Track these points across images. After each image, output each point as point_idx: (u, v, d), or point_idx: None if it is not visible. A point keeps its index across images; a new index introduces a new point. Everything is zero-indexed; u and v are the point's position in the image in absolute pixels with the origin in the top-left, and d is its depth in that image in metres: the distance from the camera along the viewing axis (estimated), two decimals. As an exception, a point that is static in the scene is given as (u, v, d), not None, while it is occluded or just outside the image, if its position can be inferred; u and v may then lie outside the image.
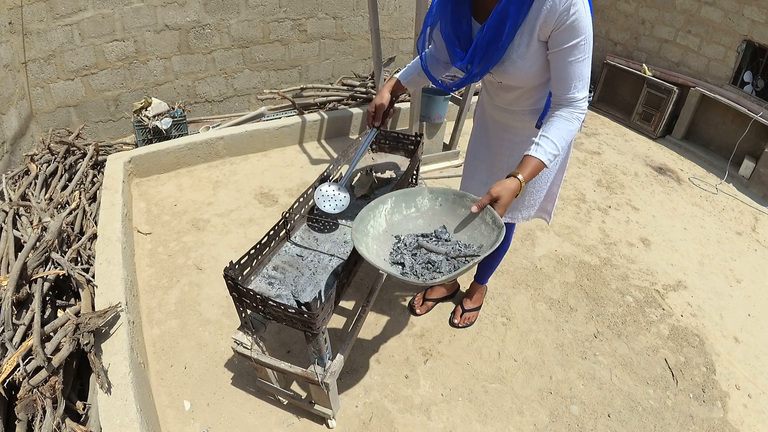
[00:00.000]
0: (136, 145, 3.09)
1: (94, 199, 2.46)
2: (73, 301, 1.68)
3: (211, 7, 3.23)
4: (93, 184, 2.57)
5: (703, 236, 2.70)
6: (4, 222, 1.89)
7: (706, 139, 3.69)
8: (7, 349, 1.35)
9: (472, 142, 1.64)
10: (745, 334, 2.06)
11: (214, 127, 3.26)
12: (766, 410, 1.75)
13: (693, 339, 2.01)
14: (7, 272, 1.64)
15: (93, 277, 1.78)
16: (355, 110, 3.43)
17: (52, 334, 1.44)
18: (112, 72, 3.12)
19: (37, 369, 1.32)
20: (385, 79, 3.13)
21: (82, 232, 2.12)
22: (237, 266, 1.28)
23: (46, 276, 1.61)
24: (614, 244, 2.55)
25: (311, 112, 3.38)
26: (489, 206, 1.16)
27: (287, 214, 1.51)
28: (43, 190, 2.31)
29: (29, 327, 1.43)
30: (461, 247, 1.19)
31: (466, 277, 2.17)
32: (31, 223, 1.96)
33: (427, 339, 1.90)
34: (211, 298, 2.03)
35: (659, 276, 2.35)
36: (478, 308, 2.01)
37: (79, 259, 1.89)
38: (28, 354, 1.34)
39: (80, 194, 2.34)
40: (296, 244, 1.55)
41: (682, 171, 3.41)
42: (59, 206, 2.21)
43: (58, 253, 1.74)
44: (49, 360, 1.33)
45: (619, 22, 4.19)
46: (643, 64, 3.87)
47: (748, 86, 3.43)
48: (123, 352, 1.50)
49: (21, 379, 1.29)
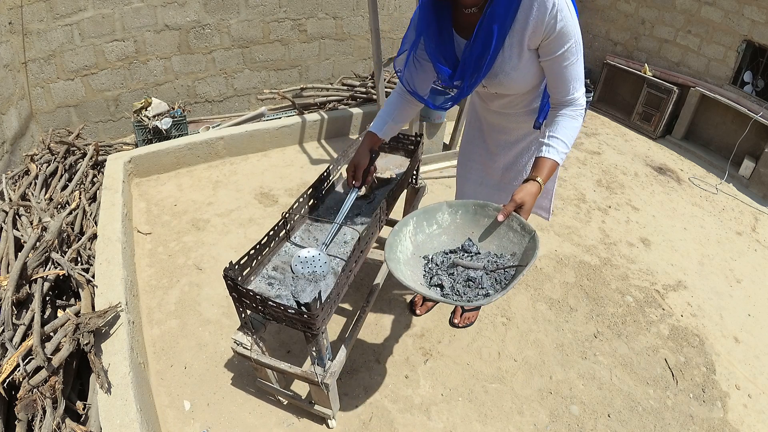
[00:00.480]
0: (136, 145, 3.09)
1: (94, 199, 2.46)
2: (73, 301, 1.68)
3: (211, 7, 3.23)
4: (93, 184, 2.57)
5: (703, 236, 2.70)
6: (4, 222, 1.89)
7: (706, 139, 3.69)
8: (7, 349, 1.35)
9: (465, 143, 1.63)
10: (745, 334, 2.06)
11: (214, 127, 3.26)
12: (766, 410, 1.75)
13: (693, 339, 2.01)
14: (7, 272, 1.64)
15: (93, 277, 1.78)
16: (355, 110, 3.43)
17: (52, 334, 1.44)
18: (112, 72, 3.12)
19: (37, 369, 1.32)
20: (384, 79, 3.12)
21: (82, 232, 2.12)
22: (237, 266, 1.28)
23: (46, 276, 1.61)
24: (614, 244, 2.55)
25: (311, 112, 3.38)
26: (514, 213, 1.14)
27: (287, 215, 1.51)
28: (43, 190, 2.31)
29: (29, 327, 1.43)
30: (494, 258, 1.15)
31: (466, 277, 2.17)
32: (31, 223, 1.96)
33: (427, 339, 1.90)
34: (211, 298, 2.03)
35: (659, 276, 2.35)
36: (478, 308, 2.01)
37: (79, 259, 1.89)
38: (28, 354, 1.34)
39: (80, 194, 2.34)
40: (296, 245, 1.55)
41: (682, 171, 3.41)
42: (59, 206, 2.21)
43: (58, 253, 1.74)
44: (49, 360, 1.33)
45: (619, 22, 4.19)
46: (645, 65, 3.86)
47: (748, 86, 3.43)
48: (123, 352, 1.50)
49: (21, 379, 1.29)
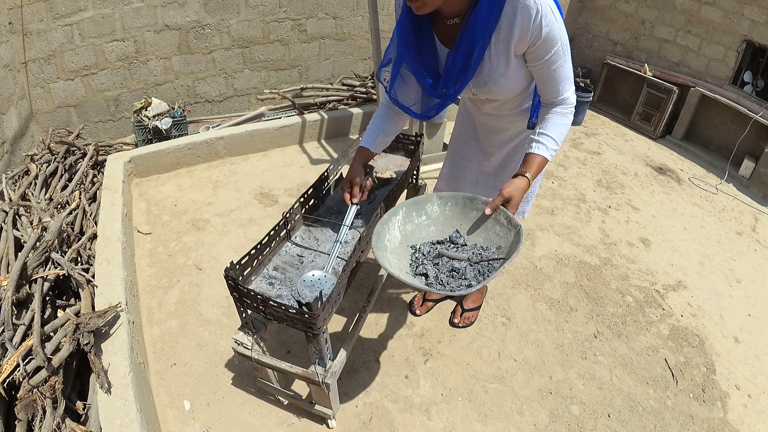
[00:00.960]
0: (136, 145, 3.09)
1: (94, 199, 2.46)
2: (73, 301, 1.68)
3: (211, 7, 3.23)
4: (93, 184, 2.57)
5: (703, 236, 2.70)
6: (4, 222, 1.89)
7: (706, 139, 3.69)
8: (7, 349, 1.35)
9: (457, 144, 1.63)
10: (745, 334, 2.07)
11: (214, 127, 3.26)
12: (766, 410, 1.75)
13: (693, 339, 2.01)
14: (7, 272, 1.64)
15: (93, 277, 1.78)
16: (355, 110, 3.43)
17: (52, 334, 1.44)
18: (112, 72, 3.12)
19: (37, 369, 1.32)
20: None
21: (82, 232, 2.12)
22: (237, 266, 1.28)
23: (46, 276, 1.61)
24: (614, 244, 2.55)
25: (311, 112, 3.38)
26: (502, 207, 1.16)
27: (287, 214, 1.51)
28: (43, 190, 2.31)
29: (29, 327, 1.43)
30: (480, 251, 1.17)
31: (466, 277, 2.17)
32: (31, 223, 1.96)
33: (427, 339, 1.90)
34: (211, 298, 2.03)
35: (659, 276, 2.35)
36: (478, 308, 2.01)
37: (79, 259, 1.89)
38: (28, 354, 1.34)
39: (80, 194, 2.34)
40: (296, 245, 1.55)
41: (682, 171, 3.41)
42: (59, 206, 2.21)
43: (58, 253, 1.74)
44: (49, 360, 1.33)
45: (619, 22, 4.19)
46: (645, 65, 3.86)
47: (748, 86, 3.42)
48: (123, 352, 1.50)
49: (21, 379, 1.29)
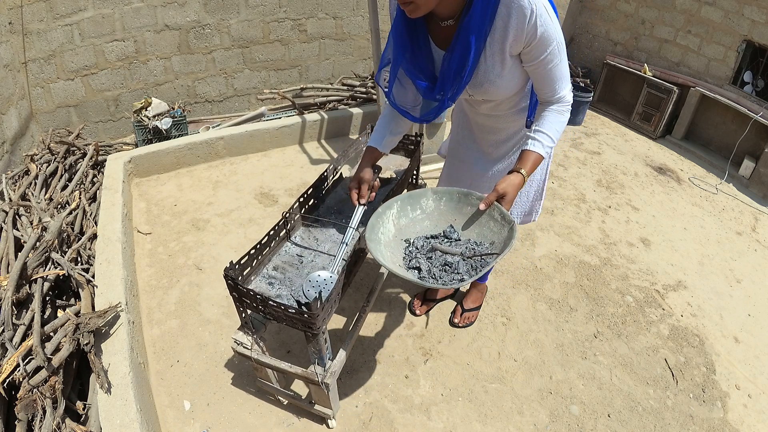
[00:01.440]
0: (136, 145, 3.09)
1: (94, 199, 2.46)
2: (73, 301, 1.68)
3: (211, 7, 3.23)
4: (93, 184, 2.57)
5: (703, 236, 2.70)
6: (4, 222, 1.89)
7: (706, 139, 3.69)
8: (7, 349, 1.35)
9: (453, 144, 1.63)
10: (745, 334, 2.06)
11: (214, 127, 3.26)
12: (766, 410, 1.75)
13: (693, 339, 2.01)
14: (7, 272, 1.64)
15: (93, 277, 1.78)
16: (355, 110, 3.43)
17: (52, 334, 1.44)
18: (112, 72, 3.12)
19: (37, 369, 1.32)
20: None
21: (82, 232, 2.12)
22: (237, 266, 1.28)
23: (46, 276, 1.61)
24: (614, 244, 2.55)
25: (311, 112, 3.38)
26: (496, 203, 1.16)
27: (287, 214, 1.51)
28: (43, 190, 2.31)
29: (29, 327, 1.43)
30: (473, 246, 1.18)
31: (466, 277, 2.17)
32: (31, 223, 1.96)
33: (427, 339, 1.90)
34: (211, 298, 2.03)
35: (659, 276, 2.35)
36: (478, 308, 2.01)
37: (79, 259, 1.89)
38: (28, 354, 1.34)
39: (80, 194, 2.34)
40: (296, 244, 1.55)
41: (682, 171, 3.41)
42: (59, 206, 2.21)
43: (58, 253, 1.74)
44: (49, 360, 1.33)
45: (619, 22, 4.19)
46: (645, 65, 3.86)
47: (748, 86, 3.42)
48: (123, 352, 1.50)
49: (21, 379, 1.29)
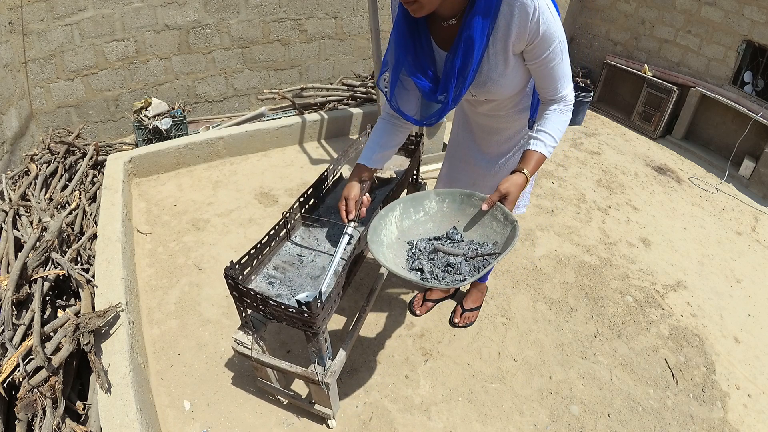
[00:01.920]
0: (136, 145, 3.09)
1: (94, 199, 2.46)
2: (73, 301, 1.68)
3: (211, 7, 3.23)
4: (93, 184, 2.57)
5: (703, 236, 2.70)
6: (4, 222, 1.89)
7: (706, 139, 3.69)
8: (7, 349, 1.35)
9: (453, 145, 1.62)
10: (745, 334, 2.06)
11: (214, 127, 3.26)
12: (766, 410, 1.75)
13: (693, 339, 2.01)
14: (7, 272, 1.64)
15: (93, 277, 1.78)
16: (355, 110, 3.43)
17: (52, 334, 1.44)
18: (112, 72, 3.12)
19: (37, 369, 1.32)
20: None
21: (82, 232, 2.12)
22: (237, 266, 1.28)
23: (46, 276, 1.61)
24: (614, 244, 2.55)
25: (311, 112, 3.38)
26: (499, 203, 1.16)
27: (287, 214, 1.51)
28: (43, 190, 2.31)
29: (29, 327, 1.43)
30: (476, 246, 1.18)
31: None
32: (31, 223, 1.96)
33: (427, 339, 1.90)
34: (211, 298, 2.03)
35: (659, 276, 2.35)
36: (478, 308, 2.01)
37: (79, 259, 1.89)
38: (28, 354, 1.34)
39: (80, 194, 2.34)
40: (296, 244, 1.55)
41: (682, 171, 3.41)
42: (59, 206, 2.21)
43: (58, 253, 1.74)
44: (49, 360, 1.33)
45: (619, 22, 4.19)
46: (645, 65, 3.86)
47: (748, 86, 3.42)
48: (123, 352, 1.50)
49: (21, 379, 1.29)
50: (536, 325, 2.00)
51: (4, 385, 1.28)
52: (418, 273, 1.14)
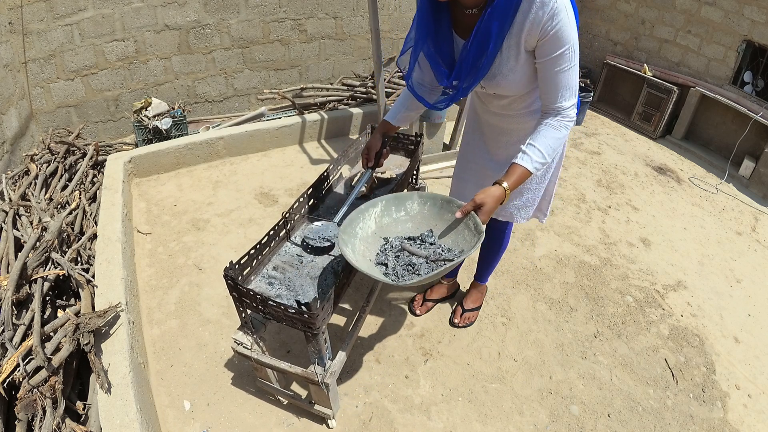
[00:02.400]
0: (136, 145, 3.09)
1: (94, 199, 2.46)
2: (73, 301, 1.68)
3: (211, 7, 3.23)
4: (93, 184, 2.57)
5: (703, 236, 2.70)
6: (4, 222, 1.89)
7: (706, 139, 3.69)
8: (7, 349, 1.35)
9: (464, 145, 1.63)
10: (745, 334, 2.06)
11: (214, 127, 3.26)
12: (766, 410, 1.75)
13: (693, 339, 2.01)
14: (7, 272, 1.64)
15: (93, 277, 1.78)
16: (355, 110, 3.43)
17: (52, 334, 1.44)
18: (112, 72, 3.12)
19: (37, 369, 1.32)
20: (385, 79, 3.13)
21: (82, 232, 2.12)
22: (237, 266, 1.28)
23: (46, 276, 1.61)
24: (614, 244, 2.55)
25: (311, 112, 3.38)
26: (473, 212, 1.18)
27: (287, 214, 1.51)
28: (43, 190, 2.31)
29: (29, 327, 1.43)
30: (443, 251, 1.23)
31: (466, 278, 2.17)
32: (31, 223, 1.96)
33: (427, 339, 1.90)
34: (211, 298, 2.03)
35: (659, 276, 2.35)
36: (478, 308, 2.01)
37: (79, 259, 1.89)
38: (28, 354, 1.34)
39: (80, 194, 2.34)
40: (296, 244, 1.55)
41: (682, 171, 3.41)
42: (59, 206, 2.21)
43: (58, 253, 1.74)
44: (49, 360, 1.33)
45: (619, 22, 4.19)
46: (645, 65, 3.86)
47: (748, 86, 3.42)
48: (123, 352, 1.50)
49: (21, 379, 1.29)
50: (536, 325, 2.00)
51: (4, 385, 1.28)
52: (383, 267, 1.21)
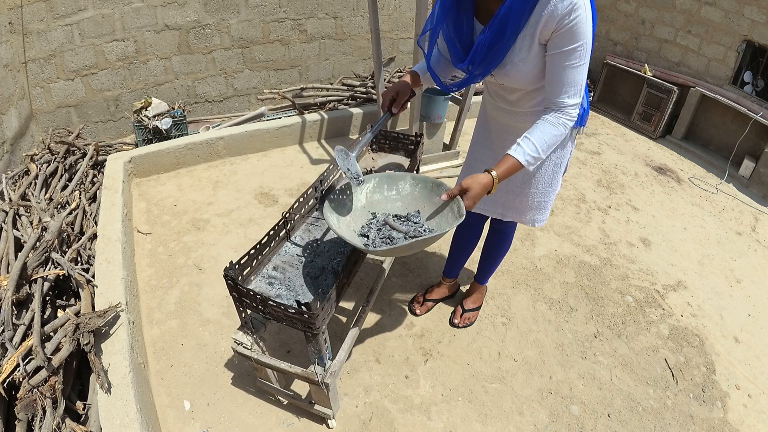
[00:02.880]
0: (136, 145, 3.09)
1: (94, 199, 2.46)
2: (73, 301, 1.68)
3: (211, 7, 3.23)
4: (93, 184, 2.57)
5: (703, 236, 2.70)
6: (4, 222, 1.89)
7: (706, 139, 3.69)
8: (7, 349, 1.35)
9: (473, 143, 1.63)
10: (745, 334, 2.06)
11: (214, 127, 3.26)
12: (766, 410, 1.75)
13: (693, 339, 2.01)
14: (7, 272, 1.64)
15: (93, 277, 1.78)
16: (355, 110, 3.43)
17: (52, 334, 1.44)
18: (112, 72, 3.12)
19: (37, 369, 1.32)
20: (385, 79, 3.13)
21: (82, 232, 2.12)
22: (237, 266, 1.28)
23: (46, 276, 1.61)
24: (614, 244, 2.55)
25: (311, 112, 3.38)
26: (458, 197, 1.20)
27: (287, 214, 1.51)
28: (43, 190, 2.31)
29: (29, 327, 1.43)
30: (424, 231, 1.29)
31: (466, 278, 2.17)
32: (31, 223, 1.96)
33: (427, 339, 1.90)
34: (211, 298, 2.03)
35: (659, 276, 2.35)
36: (478, 308, 2.01)
37: (79, 259, 1.89)
38: (28, 354, 1.34)
39: (80, 194, 2.34)
40: (296, 244, 1.55)
41: (682, 171, 3.41)
42: (59, 206, 2.21)
43: (58, 253, 1.74)
44: (49, 360, 1.33)
45: (619, 22, 4.19)
46: (645, 65, 3.86)
47: (748, 86, 3.43)
48: (123, 352, 1.50)
49: (21, 379, 1.29)
50: (536, 325, 2.00)
51: (4, 385, 1.28)
52: (365, 239, 1.29)
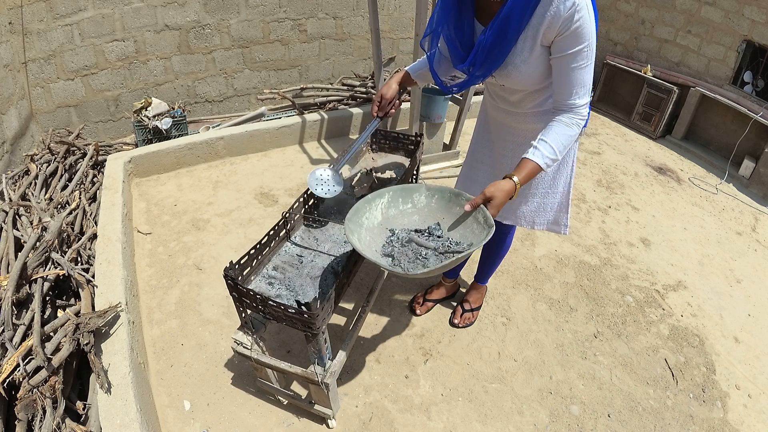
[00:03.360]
0: (136, 145, 3.09)
1: (94, 199, 2.46)
2: (73, 301, 1.68)
3: (211, 7, 3.23)
4: (93, 184, 2.57)
5: (703, 236, 2.70)
6: (4, 222, 1.89)
7: (706, 139, 3.69)
8: (7, 349, 1.35)
9: (473, 144, 1.63)
10: (745, 334, 2.06)
11: (214, 127, 3.26)
12: (766, 410, 1.75)
13: (693, 339, 2.01)
14: (7, 272, 1.64)
15: (93, 277, 1.78)
16: (355, 110, 3.43)
17: (52, 334, 1.44)
18: (112, 72, 3.12)
19: (37, 369, 1.32)
20: (385, 80, 3.13)
21: (82, 232, 2.12)
22: (237, 266, 1.28)
23: (46, 276, 1.61)
24: (614, 244, 2.55)
25: (311, 112, 3.38)
26: (482, 206, 1.17)
27: (287, 214, 1.51)
28: (43, 190, 2.31)
29: (29, 327, 1.43)
30: (451, 244, 1.22)
31: (466, 278, 2.17)
32: (31, 223, 1.96)
33: (427, 339, 1.90)
34: (211, 298, 2.03)
35: (659, 276, 2.35)
36: (478, 308, 2.00)
37: (79, 259, 1.89)
38: (28, 354, 1.34)
39: (80, 194, 2.34)
40: (296, 244, 1.55)
41: (682, 171, 3.41)
42: (59, 206, 2.21)
43: (58, 253, 1.74)
44: (49, 360, 1.33)
45: (619, 22, 4.19)
46: (647, 65, 3.86)
47: (748, 86, 3.43)
48: (123, 352, 1.50)
49: (21, 379, 1.29)
50: (536, 325, 2.00)
51: (4, 385, 1.28)
52: (389, 259, 1.20)
